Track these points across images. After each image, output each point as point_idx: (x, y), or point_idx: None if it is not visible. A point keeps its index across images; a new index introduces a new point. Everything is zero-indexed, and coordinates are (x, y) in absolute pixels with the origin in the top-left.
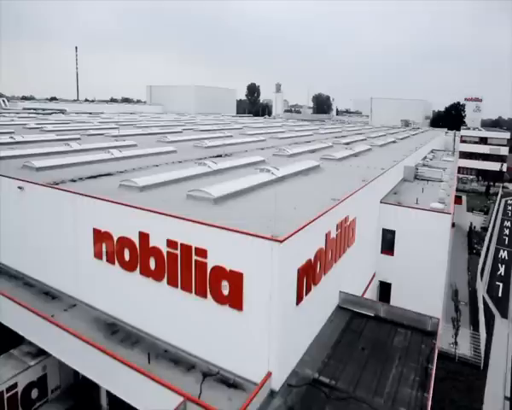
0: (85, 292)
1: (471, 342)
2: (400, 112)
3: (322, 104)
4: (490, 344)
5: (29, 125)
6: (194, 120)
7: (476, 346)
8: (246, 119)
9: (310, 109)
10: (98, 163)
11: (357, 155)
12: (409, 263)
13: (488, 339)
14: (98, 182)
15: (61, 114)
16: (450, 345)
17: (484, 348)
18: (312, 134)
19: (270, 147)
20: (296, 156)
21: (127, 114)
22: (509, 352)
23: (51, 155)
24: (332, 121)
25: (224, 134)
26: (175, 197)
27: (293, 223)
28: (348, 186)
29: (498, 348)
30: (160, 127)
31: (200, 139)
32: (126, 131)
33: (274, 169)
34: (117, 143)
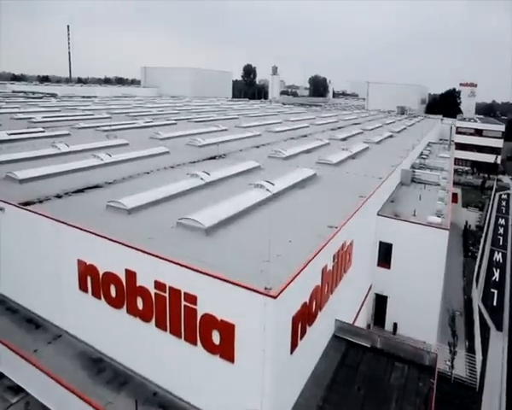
0: (71, 323)
1: (467, 361)
2: (396, 97)
3: (319, 86)
4: (485, 363)
5: (17, 116)
6: (189, 106)
7: (472, 367)
8: (242, 103)
9: (306, 91)
10: (87, 170)
11: (354, 156)
12: (405, 277)
13: (484, 357)
14: (85, 198)
15: (51, 98)
16: (446, 362)
17: (480, 370)
18: (308, 125)
19: (265, 144)
20: (292, 159)
21: (121, 98)
22: (504, 371)
23: (37, 159)
24: (328, 105)
25: (218, 128)
26: (165, 224)
27: (287, 265)
28: (345, 205)
29: (493, 368)
30: (153, 116)
31: (194, 135)
32: (118, 124)
33: (268, 184)
34: (108, 143)
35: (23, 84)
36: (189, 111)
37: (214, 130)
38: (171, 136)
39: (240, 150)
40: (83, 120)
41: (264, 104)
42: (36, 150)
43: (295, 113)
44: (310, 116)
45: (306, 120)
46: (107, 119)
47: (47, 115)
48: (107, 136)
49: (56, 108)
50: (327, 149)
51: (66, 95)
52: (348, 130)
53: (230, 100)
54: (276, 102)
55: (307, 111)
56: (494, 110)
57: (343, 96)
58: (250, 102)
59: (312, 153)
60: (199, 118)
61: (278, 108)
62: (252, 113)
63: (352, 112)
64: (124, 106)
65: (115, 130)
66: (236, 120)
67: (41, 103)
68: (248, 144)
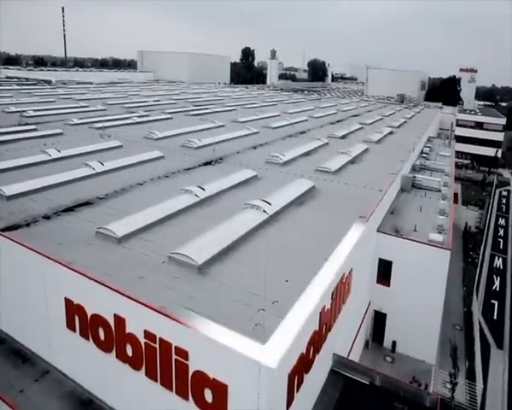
0: (59, 359)
1: (467, 387)
2: (396, 83)
3: (318, 70)
4: (486, 388)
5: (9, 109)
6: (186, 94)
7: (472, 392)
8: (239, 91)
9: (305, 73)
10: (78, 181)
11: (353, 160)
12: (405, 295)
13: (484, 380)
14: (74, 220)
15: (46, 86)
16: (446, 384)
17: (480, 398)
18: (307, 119)
19: (263, 144)
20: (290, 164)
21: (117, 84)
22: (505, 399)
23: (27, 168)
24: (327, 91)
25: (215, 124)
26: (156, 258)
27: (284, 313)
28: (344, 229)
29: (494, 392)
30: (148, 108)
31: (190, 133)
32: (112, 119)
33: (265, 204)
34: (101, 145)
35: (17, 70)
36: (185, 101)
37: (211, 126)
38: (166, 135)
39: (237, 152)
40: (77, 113)
41: (263, 91)
42: (25, 158)
43: (294, 102)
44: (308, 107)
45: (305, 112)
46: (102, 111)
47: (40, 108)
48: (100, 135)
49: (51, 99)
50: (326, 151)
51: (62, 81)
52: (347, 124)
53: (228, 86)
54: (275, 87)
55: (305, 100)
56: (494, 95)
57: (342, 81)
58: (248, 90)
59: (311, 156)
60: (195, 110)
61: (276, 97)
62: (249, 103)
63: (350, 100)
64: (119, 95)
65: (109, 127)
66: (234, 111)
67: (35, 91)
68: (245, 144)
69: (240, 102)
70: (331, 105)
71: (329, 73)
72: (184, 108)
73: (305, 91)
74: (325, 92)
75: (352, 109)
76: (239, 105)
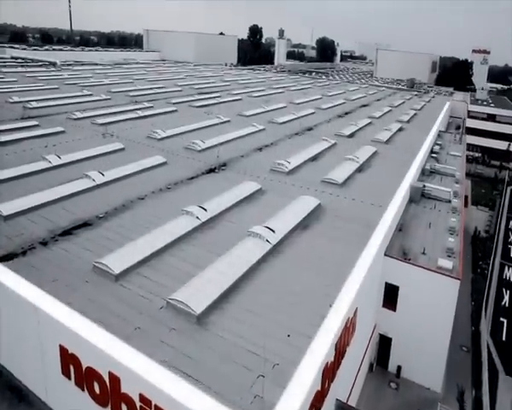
0: (56, 402)
1: None
2: (406, 66)
3: (326, 49)
4: None
5: (12, 99)
6: (191, 79)
7: None
8: (246, 75)
9: (313, 50)
10: (78, 196)
11: (361, 168)
12: (412, 320)
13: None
14: (71, 248)
15: (51, 68)
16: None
17: None
18: (315, 111)
19: (269, 145)
20: (296, 173)
21: (122, 66)
22: None
23: (26, 178)
24: (336, 71)
25: (220, 119)
26: (154, 302)
27: (286, 383)
28: (350, 261)
29: None
30: (153, 97)
31: (194, 131)
32: (116, 113)
33: (268, 233)
34: (103, 148)
35: (22, 49)
36: (191, 87)
37: (216, 123)
38: (169, 134)
39: (241, 156)
40: (81, 104)
41: (270, 75)
42: (26, 166)
43: (301, 89)
44: (316, 95)
45: (312, 101)
46: (106, 100)
47: (44, 97)
48: (103, 134)
49: (55, 85)
50: (333, 155)
51: (67, 61)
52: (356, 117)
53: (235, 68)
54: (282, 68)
55: (313, 87)
56: (506, 75)
57: (351, 60)
58: (255, 73)
59: (318, 161)
60: (201, 100)
61: (284, 81)
62: (256, 90)
63: (359, 87)
64: (124, 79)
65: (112, 122)
66: (240, 102)
67: (40, 75)
68: (251, 145)
69: (246, 90)
70: (339, 93)
71: (338, 52)
72: (189, 98)
73: (312, 73)
74: (333, 74)
75: (360, 98)
76: (245, 93)
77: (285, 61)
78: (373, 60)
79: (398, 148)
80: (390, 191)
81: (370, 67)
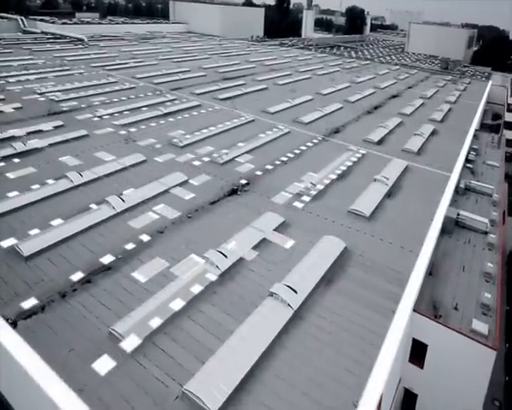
0: None
1: None
2: (440, 41)
3: (356, 19)
4: None
5: (40, 90)
6: (216, 59)
7: None
8: (273, 51)
9: (342, 18)
10: (97, 227)
11: (391, 192)
12: (440, 381)
13: None
14: (89, 302)
15: (79, 46)
16: None
17: None
18: (343, 106)
19: (294, 155)
20: (321, 199)
21: (148, 41)
22: None
23: (48, 199)
24: (366, 45)
25: (245, 119)
26: (169, 389)
27: None
28: (378, 333)
29: None
30: (177, 84)
31: (217, 135)
32: (139, 109)
33: (290, 294)
34: (124, 161)
35: (51, 23)
36: (215, 71)
37: (240, 123)
38: (191, 141)
39: (265, 170)
40: (106, 94)
41: (296, 53)
42: (47, 187)
43: (329, 74)
44: (344, 83)
45: (340, 91)
46: (130, 90)
47: (70, 87)
48: (126, 141)
49: (81, 69)
50: (361, 173)
51: (94, 35)
52: (386, 114)
53: (261, 43)
54: (310, 42)
55: (342, 70)
56: None
57: (381, 30)
58: (281, 51)
59: (344, 181)
60: (225, 89)
61: (310, 61)
62: (283, 75)
63: (389, 69)
64: (149, 60)
65: (134, 123)
66: (266, 92)
67: (68, 55)
68: (275, 155)
69: (272, 75)
70: (368, 79)
71: (368, 21)
72: (213, 87)
73: (341, 48)
74: (363, 50)
75: (391, 85)
76: (271, 79)
77: (312, 32)
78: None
79: (431, 161)
80: (422, 228)
81: (401, 39)
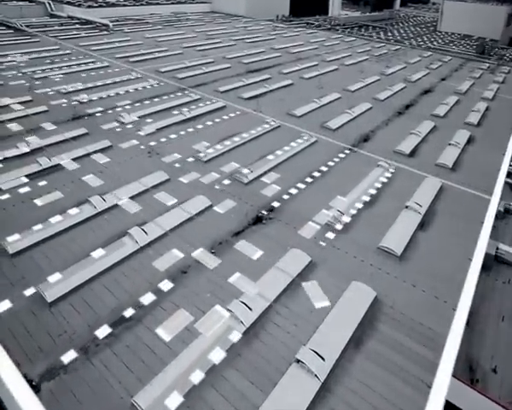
0: None
1: None
2: (476, 20)
3: None
4: None
5: (65, 89)
6: (241, 46)
7: None
8: (299, 37)
9: None
10: (119, 266)
11: (423, 222)
12: None
13: None
14: (112, 361)
15: (104, 33)
16: None
17: None
18: (372, 107)
19: (321, 173)
20: (350, 231)
21: (173, 25)
22: None
23: (70, 230)
24: (396, 24)
25: (269, 126)
26: None
27: None
28: None
29: None
30: (200, 78)
31: (240, 147)
32: (162, 111)
33: (317, 361)
34: (147, 181)
35: (77, 6)
36: (240, 62)
37: (265, 131)
38: (215, 154)
39: (292, 193)
40: (130, 94)
41: (323, 37)
42: (69, 218)
43: (357, 63)
44: (374, 76)
45: (370, 86)
46: (154, 88)
47: (94, 86)
48: (149, 154)
49: (105, 61)
50: (392, 196)
51: (119, 19)
52: (418, 115)
53: (287, 23)
54: (337, 22)
55: (371, 58)
56: None
57: (412, 5)
58: (308, 36)
59: (374, 208)
60: (250, 84)
61: (338, 48)
62: (310, 66)
63: (421, 56)
64: (174, 47)
65: (158, 130)
66: (292, 88)
67: (92, 43)
68: (301, 173)
69: (298, 67)
70: (399, 69)
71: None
72: (238, 83)
73: (369, 28)
74: (392, 30)
75: (423, 77)
76: (297, 72)
77: (340, 10)
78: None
79: (468, 179)
80: (459, 271)
81: (434, 15)
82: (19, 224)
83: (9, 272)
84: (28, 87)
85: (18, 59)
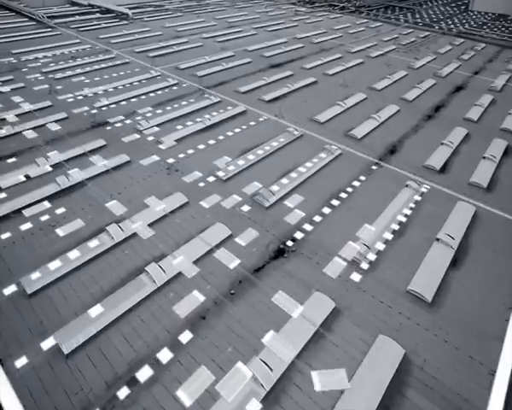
0: None
1: None
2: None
3: None
4: None
5: (83, 92)
6: (262, 37)
7: None
8: (322, 22)
9: None
10: (135, 311)
11: (456, 258)
12: None
13: None
14: None
15: (123, 23)
16: None
17: None
18: (400, 110)
19: (345, 196)
20: (376, 269)
21: (194, 11)
22: None
23: (89, 264)
24: (424, 6)
25: (292, 136)
26: None
27: None
28: None
29: None
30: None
31: (261, 163)
32: (181, 117)
33: None
34: (167, 205)
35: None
36: (261, 55)
37: (287, 141)
38: (235, 171)
39: (315, 220)
40: (150, 99)
41: (348, 22)
42: (87, 252)
43: (383, 54)
44: (402, 70)
45: (397, 83)
46: (172, 90)
47: (113, 87)
48: (168, 170)
49: (125, 57)
50: (420, 225)
51: (138, 5)
52: (449, 119)
53: (310, 11)
54: (361, 3)
55: (398, 48)
56: None
57: None
58: (332, 19)
59: (400, 239)
60: (272, 83)
61: (363, 36)
62: (333, 60)
63: (452, 44)
64: (193, 39)
65: (177, 142)
66: (314, 89)
67: (112, 35)
68: (326, 193)
69: (322, 60)
70: (428, 61)
71: None
72: (259, 81)
73: (396, 9)
74: (420, 10)
75: (454, 71)
76: (320, 67)
77: None
78: None
79: (505, 202)
80: (497, 323)
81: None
82: (38, 257)
83: (27, 316)
84: (49, 90)
85: (40, 56)
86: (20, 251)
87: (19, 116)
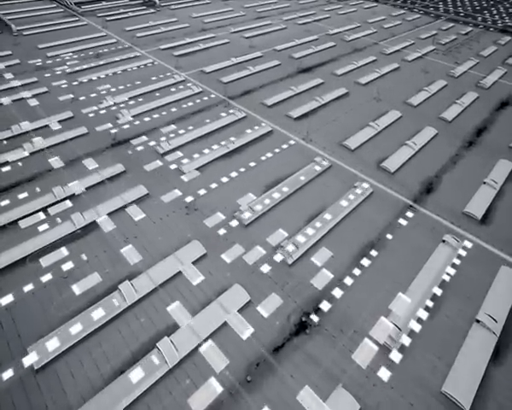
0: None
1: None
2: None
3: None
4: None
5: (107, 101)
6: (292, 35)
7: None
8: (354, 15)
9: None
10: (142, 402)
11: (498, 348)
12: None
13: None
14: None
15: (150, 11)
16: None
17: None
18: (438, 133)
19: (375, 259)
20: (412, 353)
21: (219, 2)
22: None
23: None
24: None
25: (320, 167)
26: None
27: None
28: None
29: None
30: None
31: (286, 203)
32: (204, 136)
33: None
34: (180, 257)
35: None
36: (290, 57)
37: (316, 173)
38: (259, 214)
39: (344, 284)
40: (172, 112)
41: (383, 17)
42: (102, 317)
43: (422, 56)
44: (440, 80)
45: (436, 96)
46: (199, 100)
47: (136, 95)
48: (187, 210)
49: (150, 57)
50: (460, 303)
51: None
52: (492, 147)
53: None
54: None
55: (438, 49)
56: None
57: None
58: (365, 8)
59: (437, 316)
60: (300, 94)
61: (400, 33)
62: (365, 64)
63: (497, 44)
64: (220, 35)
65: (199, 168)
66: (345, 102)
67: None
68: (356, 248)
69: (355, 64)
70: (471, 67)
71: None
72: (287, 90)
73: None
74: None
75: (499, 80)
76: (351, 72)
77: None
78: None
79: None
80: None
81: None
82: (47, 322)
83: (33, 397)
84: (71, 99)
85: (64, 54)
86: (32, 310)
87: (37, 130)
